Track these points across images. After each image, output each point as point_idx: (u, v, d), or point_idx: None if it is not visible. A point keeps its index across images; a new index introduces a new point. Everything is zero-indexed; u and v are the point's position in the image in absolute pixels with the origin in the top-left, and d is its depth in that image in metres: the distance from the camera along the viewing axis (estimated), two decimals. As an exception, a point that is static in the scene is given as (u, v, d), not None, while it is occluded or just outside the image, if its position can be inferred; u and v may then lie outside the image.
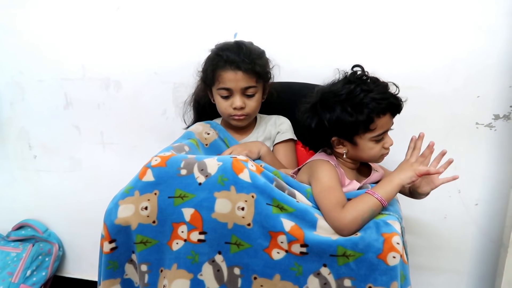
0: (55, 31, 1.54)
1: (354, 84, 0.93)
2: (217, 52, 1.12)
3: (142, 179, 0.90)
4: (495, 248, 1.33)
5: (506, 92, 1.24)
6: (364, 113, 0.91)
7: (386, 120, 0.94)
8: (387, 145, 0.96)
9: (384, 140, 0.96)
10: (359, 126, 0.92)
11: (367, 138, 0.94)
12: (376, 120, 0.92)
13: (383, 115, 0.92)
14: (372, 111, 0.91)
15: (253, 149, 1.08)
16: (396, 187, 0.88)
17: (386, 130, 0.95)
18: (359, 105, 0.91)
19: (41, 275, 1.63)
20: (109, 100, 1.55)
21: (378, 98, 0.91)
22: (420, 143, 0.95)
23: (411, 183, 0.89)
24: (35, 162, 1.69)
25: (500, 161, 1.29)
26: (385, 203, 0.86)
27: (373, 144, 0.95)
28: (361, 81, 0.94)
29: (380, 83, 0.95)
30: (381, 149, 0.96)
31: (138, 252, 0.89)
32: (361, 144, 0.96)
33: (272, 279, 0.84)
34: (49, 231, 1.72)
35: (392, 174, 0.91)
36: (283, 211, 0.85)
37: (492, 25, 1.21)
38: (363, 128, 0.93)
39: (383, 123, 0.93)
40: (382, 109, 0.92)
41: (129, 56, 1.50)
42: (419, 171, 0.89)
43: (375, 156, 0.97)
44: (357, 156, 1.00)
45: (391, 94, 0.94)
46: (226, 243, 0.85)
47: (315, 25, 1.33)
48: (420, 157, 0.92)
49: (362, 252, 0.79)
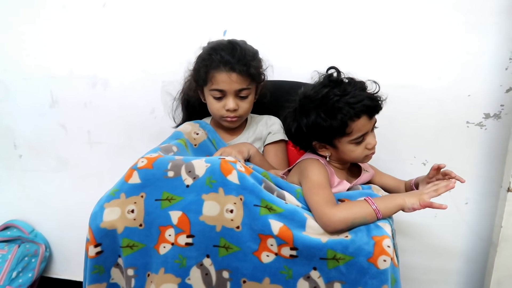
0: (40, 28, 1.50)
1: (328, 88, 0.92)
2: (210, 51, 1.09)
3: (128, 181, 0.87)
4: (485, 247, 1.34)
5: (496, 91, 1.24)
6: (337, 118, 0.89)
7: (363, 123, 0.91)
8: (369, 146, 0.94)
9: (366, 141, 0.94)
10: (335, 131, 0.91)
11: (346, 141, 0.93)
12: (351, 124, 0.90)
13: (357, 118, 0.90)
14: (345, 115, 0.89)
15: (243, 150, 1.06)
16: (396, 206, 0.85)
17: (365, 132, 0.93)
18: (332, 110, 0.90)
19: (27, 276, 1.60)
20: (96, 98, 1.53)
21: (352, 102, 0.89)
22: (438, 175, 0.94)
23: (412, 210, 0.85)
24: (21, 162, 1.66)
25: (490, 160, 1.29)
26: (380, 215, 0.84)
27: (354, 146, 0.94)
28: (335, 84, 0.92)
29: (356, 84, 0.92)
30: (364, 150, 0.94)
31: (125, 256, 0.87)
32: (341, 147, 0.95)
33: (261, 282, 0.82)
34: (36, 231, 1.69)
35: (398, 194, 0.89)
36: (272, 212, 0.83)
37: (483, 24, 1.21)
38: (339, 133, 0.92)
39: (360, 126, 0.91)
40: (356, 113, 0.89)
41: (116, 53, 1.47)
42: (423, 202, 0.84)
43: (358, 158, 0.96)
44: (340, 159, 0.98)
45: (366, 95, 0.91)
46: (215, 246, 0.84)
47: (306, 22, 1.31)
48: (433, 187, 0.87)
49: (353, 256, 0.78)
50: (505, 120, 1.25)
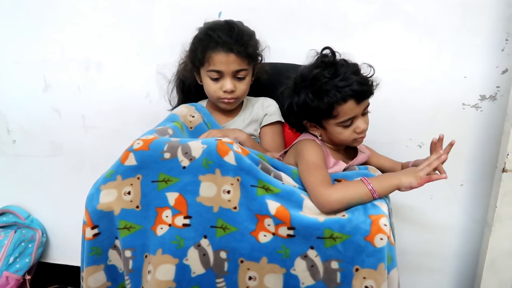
0: (32, 10, 1.47)
1: (320, 69, 0.91)
2: (207, 32, 1.08)
3: (124, 163, 0.87)
4: (479, 228, 1.35)
5: (492, 72, 1.24)
6: (324, 100, 0.89)
7: (350, 107, 0.90)
8: (358, 130, 0.93)
9: (354, 125, 0.93)
10: (321, 112, 0.91)
11: (333, 123, 0.93)
12: (337, 107, 0.90)
13: (343, 102, 0.89)
14: (331, 98, 0.89)
15: (229, 135, 1.03)
16: (393, 186, 0.85)
17: (353, 116, 0.92)
18: (320, 91, 0.90)
19: (24, 261, 1.60)
20: (90, 82, 1.51)
21: (340, 86, 0.88)
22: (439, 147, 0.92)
23: (409, 188, 0.85)
24: (15, 147, 1.64)
25: (486, 142, 1.29)
26: (376, 195, 0.84)
27: (341, 129, 0.93)
28: (328, 65, 0.91)
29: (349, 67, 0.91)
30: (352, 133, 0.94)
31: (122, 237, 0.87)
32: (329, 128, 0.94)
33: (259, 262, 0.83)
34: (32, 217, 1.69)
35: (394, 173, 0.89)
36: (269, 192, 0.83)
37: (479, 5, 1.20)
38: (326, 115, 0.91)
39: (346, 110, 0.90)
40: (343, 97, 0.89)
41: (110, 36, 1.45)
42: (421, 178, 0.85)
43: (347, 141, 0.95)
44: (330, 140, 0.98)
45: (356, 79, 0.89)
46: (212, 227, 0.84)
47: (302, 4, 1.30)
48: (425, 162, 0.88)
49: (349, 234, 0.78)
50: (500, 101, 1.25)
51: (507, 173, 1.19)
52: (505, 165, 1.19)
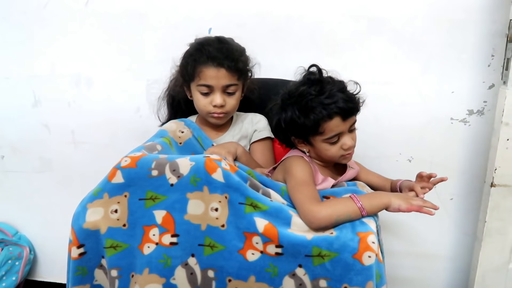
0: (21, 26, 1.47)
1: (307, 86, 0.92)
2: (198, 47, 1.09)
3: (111, 180, 0.86)
4: (470, 242, 1.35)
5: (479, 87, 1.26)
6: (310, 117, 0.90)
7: (336, 124, 0.90)
8: (345, 146, 0.93)
9: (341, 142, 0.93)
10: (308, 129, 0.92)
11: (320, 140, 0.93)
12: (323, 124, 0.90)
13: (329, 119, 0.90)
14: (317, 115, 0.89)
15: (231, 150, 1.05)
16: (382, 205, 0.86)
17: (339, 132, 0.92)
18: (306, 108, 0.90)
19: (11, 280, 1.57)
20: (80, 97, 1.50)
21: (326, 103, 0.89)
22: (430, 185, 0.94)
23: (397, 210, 0.86)
24: (3, 163, 1.62)
25: (474, 156, 1.30)
26: (364, 213, 0.84)
27: (328, 145, 0.93)
28: (314, 83, 0.92)
29: (335, 84, 0.92)
30: (339, 150, 0.93)
31: (108, 257, 0.86)
32: (316, 145, 0.95)
33: (247, 281, 0.82)
34: (19, 234, 1.66)
35: (385, 193, 0.90)
36: (257, 209, 0.83)
37: (464, 21, 1.22)
38: (312, 131, 0.92)
39: (332, 127, 0.91)
40: (328, 114, 0.89)
41: (100, 52, 1.45)
42: (411, 206, 0.85)
43: (334, 157, 0.95)
44: (318, 156, 0.98)
45: (342, 97, 0.90)
46: (200, 245, 0.83)
47: (290, 20, 1.31)
48: (420, 201, 0.87)
49: (338, 252, 0.78)
50: (488, 116, 1.26)
51: (495, 188, 1.20)
52: (493, 180, 1.20)
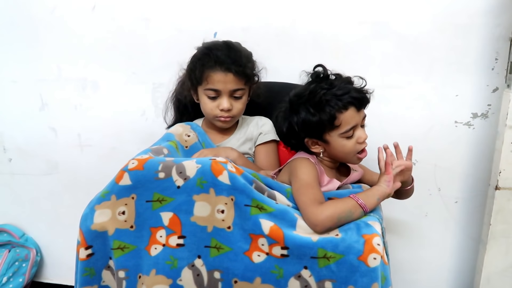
0: (29, 30, 1.49)
1: (316, 83, 0.94)
2: (206, 51, 1.10)
3: (118, 183, 0.87)
4: (474, 245, 1.35)
5: (484, 90, 1.26)
6: (326, 110, 0.91)
7: (351, 115, 0.92)
8: (360, 140, 0.95)
9: (356, 136, 0.95)
10: (324, 124, 0.92)
11: (336, 135, 0.94)
12: (339, 116, 0.91)
13: (345, 110, 0.91)
14: (333, 108, 0.91)
15: (220, 154, 1.05)
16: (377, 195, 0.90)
17: (354, 125, 0.94)
18: (320, 103, 0.91)
19: (18, 281, 1.58)
20: (86, 101, 1.52)
21: (339, 94, 0.91)
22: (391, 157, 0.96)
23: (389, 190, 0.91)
24: (10, 165, 1.64)
25: (479, 159, 1.30)
26: (366, 208, 0.86)
27: (345, 140, 0.94)
28: (323, 79, 0.95)
29: (342, 78, 0.95)
30: (355, 144, 0.95)
31: (116, 258, 0.87)
32: (332, 142, 0.95)
33: (252, 282, 0.82)
34: (26, 236, 1.68)
35: (374, 187, 0.92)
36: (262, 211, 0.84)
37: (468, 25, 1.23)
38: (329, 126, 0.92)
39: (348, 118, 0.92)
40: (344, 105, 0.91)
41: (106, 56, 1.46)
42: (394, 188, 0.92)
43: (350, 153, 0.96)
44: (333, 155, 0.99)
45: (353, 87, 0.93)
46: (206, 247, 0.84)
47: (295, 24, 1.32)
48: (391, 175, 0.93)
49: (343, 254, 0.79)
50: (492, 119, 1.27)
51: (500, 191, 1.20)
52: (497, 183, 1.20)
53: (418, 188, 1.34)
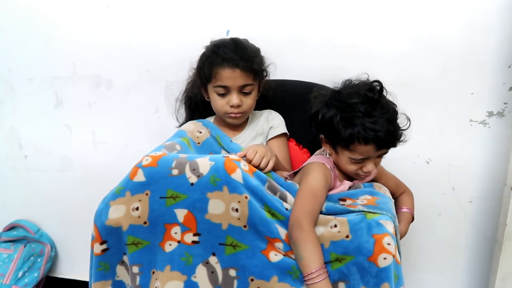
0: (45, 29, 1.51)
1: (361, 99, 0.89)
2: (214, 49, 1.11)
3: (133, 179, 0.88)
4: (489, 245, 1.33)
5: (499, 89, 1.24)
6: (347, 131, 0.88)
7: (368, 149, 0.90)
8: (365, 169, 0.93)
9: (363, 165, 0.93)
10: (339, 139, 0.91)
11: (346, 154, 0.93)
12: (356, 144, 0.89)
13: (364, 143, 0.88)
14: (354, 134, 0.88)
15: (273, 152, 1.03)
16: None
17: (367, 157, 0.92)
18: (347, 121, 0.89)
19: (33, 276, 1.61)
20: (101, 98, 1.53)
21: (367, 127, 0.87)
22: None
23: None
24: (26, 162, 1.67)
25: (494, 158, 1.28)
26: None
27: (351, 163, 0.93)
28: (370, 100, 0.89)
29: (388, 111, 0.89)
30: (359, 170, 0.94)
31: (130, 253, 0.88)
32: (340, 155, 0.95)
33: (269, 281, 0.83)
34: (41, 231, 1.70)
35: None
36: (275, 218, 0.85)
37: (485, 22, 1.21)
38: (344, 144, 0.91)
39: (363, 151, 0.90)
40: (365, 138, 0.87)
41: (120, 53, 1.48)
42: None
43: (351, 173, 0.96)
44: (336, 163, 0.98)
45: (387, 128, 0.87)
46: (220, 245, 0.84)
47: (309, 23, 1.32)
48: None
49: (353, 255, 0.79)
50: (508, 118, 1.24)
51: (516, 190, 1.18)
52: (514, 182, 1.18)
53: (432, 187, 1.34)
